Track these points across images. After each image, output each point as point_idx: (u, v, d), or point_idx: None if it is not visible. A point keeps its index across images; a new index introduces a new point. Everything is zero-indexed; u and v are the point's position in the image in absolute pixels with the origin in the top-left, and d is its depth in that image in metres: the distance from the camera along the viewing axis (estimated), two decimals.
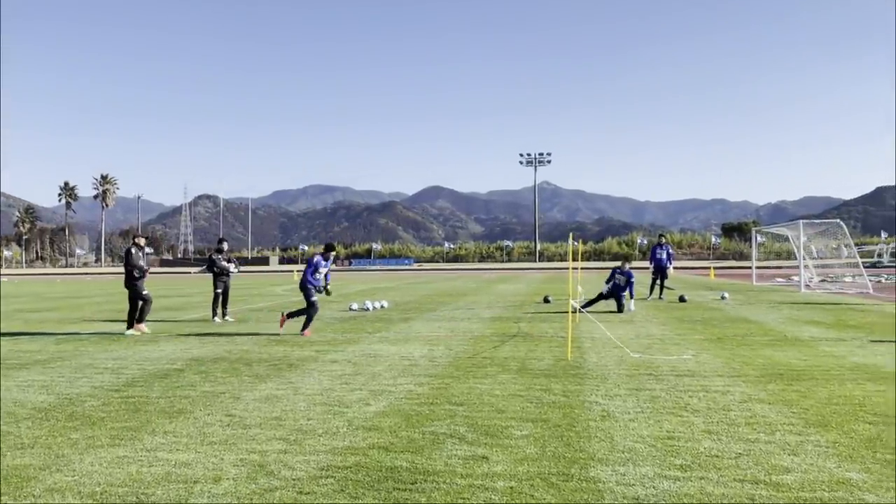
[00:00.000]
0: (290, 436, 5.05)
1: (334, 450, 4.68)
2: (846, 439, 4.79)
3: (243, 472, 4.26)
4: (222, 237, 15.69)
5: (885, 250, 74.65)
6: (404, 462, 4.39)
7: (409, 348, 9.67)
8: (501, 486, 3.95)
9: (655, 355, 8.75)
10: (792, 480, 3.97)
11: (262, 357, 9.03)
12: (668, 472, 4.15)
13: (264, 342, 10.62)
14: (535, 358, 8.64)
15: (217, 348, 9.99)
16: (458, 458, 4.48)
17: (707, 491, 3.81)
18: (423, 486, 3.97)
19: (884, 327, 11.75)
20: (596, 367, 7.92)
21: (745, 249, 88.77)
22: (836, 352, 8.90)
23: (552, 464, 4.33)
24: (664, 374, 7.36)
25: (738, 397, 6.19)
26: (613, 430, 5.09)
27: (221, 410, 5.92)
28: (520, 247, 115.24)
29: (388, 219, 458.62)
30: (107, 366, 8.49)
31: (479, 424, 5.31)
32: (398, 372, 7.71)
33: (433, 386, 6.87)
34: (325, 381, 7.23)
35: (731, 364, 8.01)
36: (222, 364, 8.50)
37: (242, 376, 7.60)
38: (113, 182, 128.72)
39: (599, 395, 6.33)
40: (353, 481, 4.05)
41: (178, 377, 7.61)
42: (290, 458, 4.50)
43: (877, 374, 7.27)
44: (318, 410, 5.85)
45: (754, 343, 9.84)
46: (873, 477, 4.01)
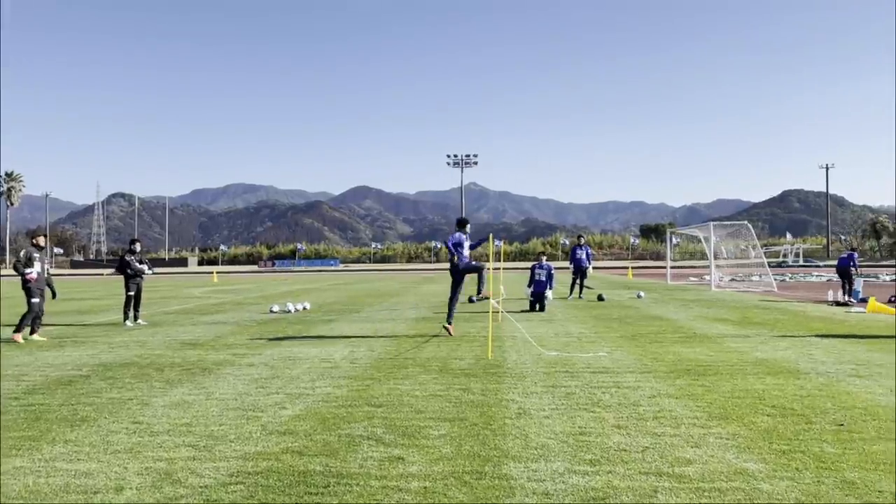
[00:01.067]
0: (200, 442, 4.90)
1: (246, 455, 4.57)
2: (746, 431, 5.02)
3: (148, 480, 4.10)
4: (135, 237, 15.10)
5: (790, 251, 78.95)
6: (318, 466, 4.33)
7: (329, 350, 9.55)
8: (415, 486, 3.95)
9: (572, 353, 8.95)
10: (693, 472, 4.13)
11: (175, 361, 8.73)
12: (578, 467, 4.25)
13: (178, 346, 10.28)
14: (457, 358, 8.69)
15: (127, 353, 9.61)
16: (374, 459, 4.45)
17: (614, 484, 3.93)
18: (336, 489, 3.93)
19: (785, 324, 12.41)
20: (515, 365, 8.04)
21: (661, 250, 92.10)
22: (740, 348, 9.34)
23: (467, 462, 4.36)
24: (579, 372, 7.54)
25: (647, 392, 6.40)
26: (528, 428, 5.18)
27: (128, 417, 5.69)
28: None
29: (313, 219, 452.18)
30: (6, 372, 8.03)
31: (396, 425, 5.30)
32: (317, 374, 7.61)
33: (352, 388, 6.81)
34: (240, 385, 7.06)
35: (643, 360, 8.28)
36: (132, 369, 8.18)
37: (153, 382, 7.33)
38: (19, 179, 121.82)
39: (517, 394, 6.43)
40: (263, 487, 3.97)
41: (84, 384, 7.27)
42: (198, 465, 4.37)
43: (777, 368, 7.66)
44: (230, 415, 5.70)
45: (665, 340, 10.21)
46: (769, 467, 4.22)
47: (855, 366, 7.74)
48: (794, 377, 7.10)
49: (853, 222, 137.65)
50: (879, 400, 5.99)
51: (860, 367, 7.63)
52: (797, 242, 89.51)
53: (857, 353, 8.74)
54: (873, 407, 5.73)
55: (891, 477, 4.01)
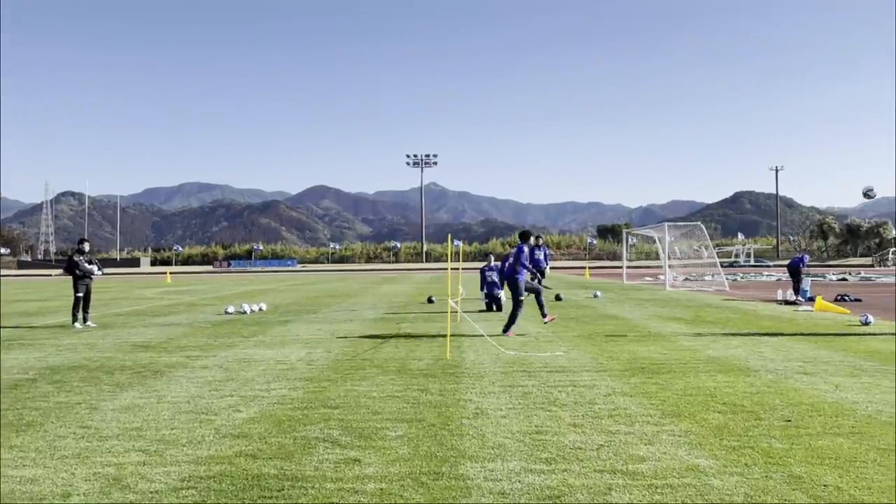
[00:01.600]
0: (151, 446, 4.79)
1: (198, 459, 4.48)
2: (697, 428, 5.12)
3: (96, 486, 3.99)
4: (84, 237, 14.69)
5: (742, 251, 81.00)
6: (272, 469, 4.27)
7: (285, 352, 9.44)
8: (371, 487, 3.92)
9: (530, 353, 9.01)
10: (646, 469, 4.19)
11: (126, 364, 8.52)
12: (534, 465, 4.27)
13: (129, 349, 10.03)
14: (415, 358, 8.68)
15: (76, 356, 9.34)
16: (330, 462, 4.41)
17: (569, 482, 3.96)
18: (291, 492, 3.87)
19: (737, 323, 12.71)
20: (473, 365, 8.05)
21: (617, 250, 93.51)
22: (693, 346, 9.53)
23: (424, 463, 4.35)
24: (537, 371, 7.59)
25: (603, 391, 6.48)
26: (485, 427, 5.19)
27: (76, 422, 5.53)
28: (407, 248, 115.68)
29: (270, 219, 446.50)
30: None
31: (353, 427, 5.25)
32: (272, 376, 7.51)
33: (308, 390, 6.74)
34: (192, 388, 6.92)
35: (598, 359, 8.38)
36: (80, 372, 7.95)
37: (102, 385, 7.13)
38: None
39: (475, 393, 6.44)
40: (215, 491, 3.89)
41: (30, 388, 7.04)
42: (148, 470, 4.26)
43: (728, 366, 7.84)
44: (183, 419, 5.58)
45: (621, 339, 10.36)
46: (719, 463, 4.31)
47: (802, 363, 7.97)
48: (745, 374, 7.27)
49: (801, 223, 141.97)
50: (825, 396, 6.17)
51: (807, 365, 7.85)
52: (748, 243, 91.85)
53: (805, 350, 8.99)
54: (819, 403, 5.90)
55: (836, 472, 4.13)
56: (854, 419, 5.34)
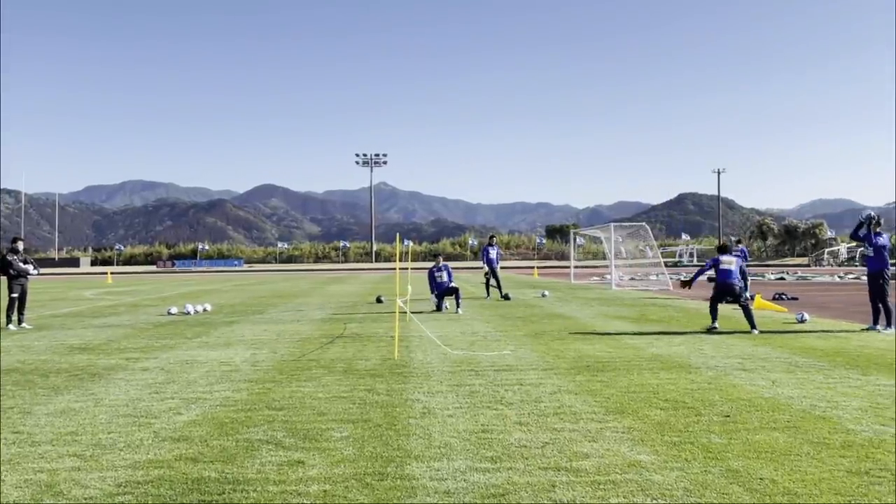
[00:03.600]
0: (86, 451, 4.63)
1: (136, 464, 4.35)
2: (640, 424, 5.22)
3: (27, 493, 3.84)
4: (17, 236, 14.13)
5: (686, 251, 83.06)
6: (213, 472, 4.17)
7: (230, 353, 9.26)
8: (315, 489, 3.87)
9: (478, 352, 9.05)
10: (590, 465, 4.25)
11: (62, 367, 8.23)
12: (480, 464, 4.28)
13: (65, 351, 9.69)
14: (363, 358, 8.62)
15: (9, 358, 8.97)
16: (273, 464, 4.34)
17: (513, 480, 3.98)
18: (232, 495, 3.79)
19: (680, 321, 13.02)
20: (421, 365, 8.04)
21: (565, 250, 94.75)
22: (637, 344, 9.72)
23: (369, 464, 4.32)
24: (484, 370, 7.63)
25: (549, 389, 6.55)
26: (432, 427, 5.18)
27: (8, 427, 5.31)
28: (356, 247, 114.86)
29: (216, 218, 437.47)
30: None
31: (297, 429, 5.18)
32: (216, 378, 7.35)
33: (253, 391, 6.62)
34: (132, 390, 6.72)
35: (545, 358, 8.47)
36: (13, 376, 7.64)
37: (36, 389, 6.87)
38: None
39: (422, 393, 6.43)
40: (153, 496, 3.78)
41: None
42: (83, 476, 4.12)
43: (671, 363, 8.02)
44: (120, 422, 5.41)
45: (567, 337, 10.50)
46: (660, 458, 4.40)
47: (741, 360, 8.21)
48: (686, 371, 7.45)
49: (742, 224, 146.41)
50: (762, 392, 6.37)
51: (745, 361, 8.09)
52: (692, 243, 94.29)
53: (744, 347, 9.27)
54: (756, 398, 6.08)
55: (771, 465, 4.26)
56: (789, 414, 5.52)
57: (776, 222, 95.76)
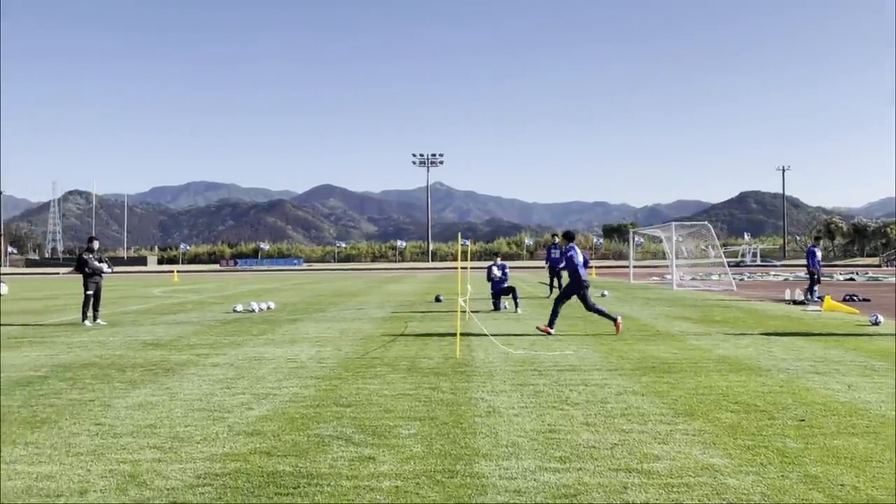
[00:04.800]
0: (165, 444, 4.81)
1: (213, 457, 4.49)
2: (711, 427, 5.11)
3: (112, 483, 4.01)
4: (93, 235, 14.75)
5: (748, 251, 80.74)
6: (287, 466, 4.28)
7: (295, 350, 9.46)
8: (387, 485, 3.93)
9: (539, 351, 9.01)
10: (661, 468, 4.19)
11: (137, 362, 8.55)
12: (549, 464, 4.27)
13: (139, 347, 10.07)
14: (425, 357, 8.68)
15: (87, 353, 9.38)
16: (344, 459, 4.42)
17: (584, 481, 3.96)
18: (307, 489, 3.88)
19: (746, 322, 12.67)
20: (483, 364, 8.06)
21: (623, 249, 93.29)
22: (702, 345, 9.51)
23: (438, 461, 4.35)
24: (547, 370, 7.59)
25: (614, 390, 6.48)
26: (498, 426, 5.19)
27: (90, 419, 5.56)
28: (412, 246, 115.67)
29: (276, 218, 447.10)
30: None
31: (366, 425, 5.26)
32: (284, 374, 7.53)
33: (320, 388, 6.75)
34: (205, 385, 6.94)
35: (609, 358, 8.37)
36: (92, 370, 7.98)
37: (114, 383, 7.17)
38: None
39: (486, 392, 6.44)
40: (232, 488, 3.90)
41: (42, 385, 7.08)
42: (164, 467, 4.28)
43: (738, 365, 7.82)
44: (196, 416, 5.60)
45: (630, 338, 10.34)
46: (734, 462, 4.30)
47: (813, 363, 7.94)
48: (756, 374, 7.25)
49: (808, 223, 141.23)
50: (838, 396, 6.15)
51: (818, 364, 7.82)
52: (755, 243, 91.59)
53: (815, 350, 8.96)
54: (832, 403, 5.88)
55: (852, 471, 4.12)
56: (868, 419, 5.32)
57: (844, 221, 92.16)
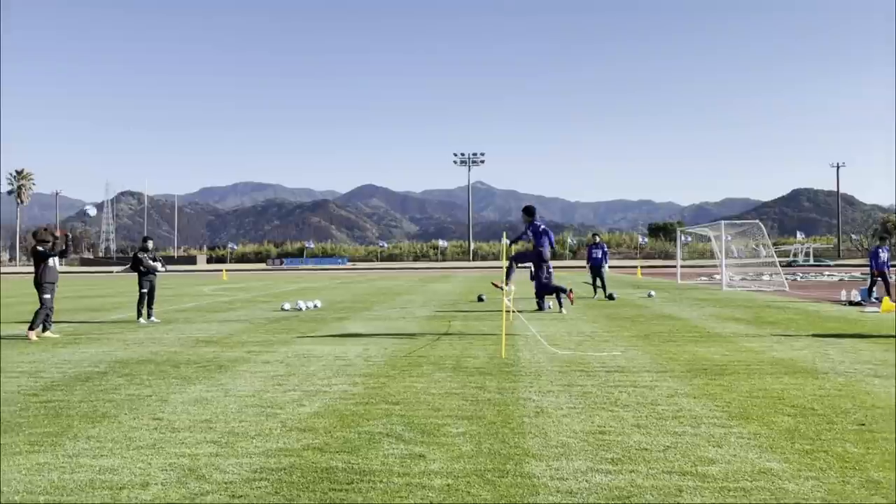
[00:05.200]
0: (222, 438, 4.92)
1: (268, 452, 4.59)
2: (767, 431, 5.00)
3: (172, 476, 4.13)
4: (147, 235, 15.17)
5: (801, 250, 78.59)
6: (340, 462, 4.34)
7: (343, 348, 9.57)
8: (438, 483, 3.96)
9: (586, 352, 8.94)
10: (717, 471, 4.12)
11: (191, 359, 8.77)
12: (601, 465, 4.24)
13: (192, 343, 10.32)
14: (470, 356, 8.70)
15: (142, 350, 9.66)
16: (395, 456, 4.46)
17: (637, 483, 3.92)
18: (360, 485, 3.93)
19: (800, 324, 12.35)
20: (529, 364, 8.03)
21: (670, 249, 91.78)
22: (755, 347, 9.30)
23: (488, 460, 4.36)
24: (595, 371, 7.52)
25: (665, 392, 6.39)
26: (547, 426, 5.17)
27: (148, 414, 5.72)
28: (454, 246, 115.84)
29: (320, 217, 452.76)
30: (23, 369, 8.08)
31: (415, 423, 5.30)
32: (333, 372, 7.63)
33: (368, 385, 6.83)
34: (257, 382, 7.09)
35: (658, 360, 8.26)
36: (148, 366, 8.22)
37: (170, 378, 7.37)
38: (29, 177, 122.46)
39: (533, 392, 6.43)
40: (287, 483, 3.98)
41: (101, 380, 7.32)
42: (221, 461, 4.39)
43: (794, 368, 7.63)
44: (250, 412, 5.72)
45: (679, 339, 10.18)
46: (792, 466, 4.21)
47: (873, 365, 7.70)
48: (813, 377, 7.07)
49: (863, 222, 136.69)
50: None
51: (879, 367, 7.59)
52: (807, 242, 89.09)
53: (875, 352, 8.69)
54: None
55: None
56: None
57: None
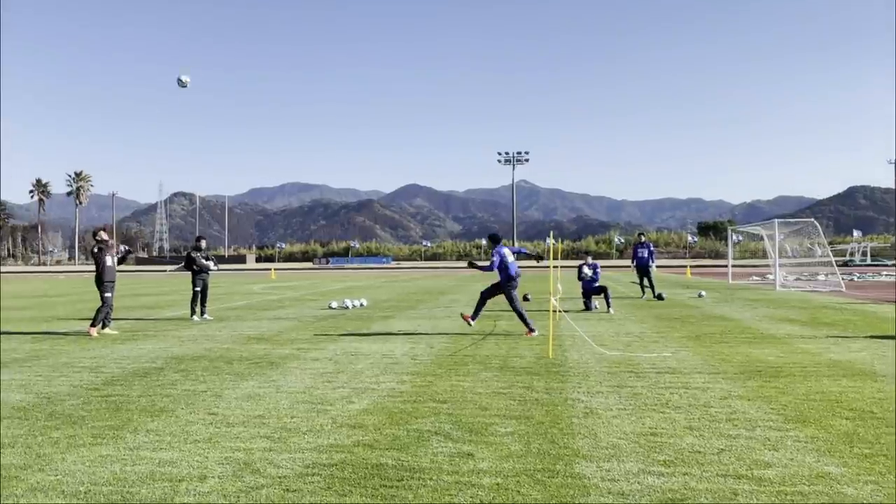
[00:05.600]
0: (275, 434, 5.03)
1: (319, 447, 4.67)
2: (824, 434, 4.87)
3: (229, 470, 4.23)
4: (201, 235, 15.54)
5: (857, 249, 76.06)
6: (390, 459, 4.39)
7: (390, 346, 9.66)
8: (488, 482, 3.97)
9: (635, 353, 8.83)
10: (773, 475, 4.03)
11: (243, 355, 8.97)
12: (653, 467, 4.19)
13: (244, 340, 10.55)
14: (517, 356, 8.68)
15: (197, 346, 9.91)
16: (444, 455, 4.49)
17: (691, 486, 3.86)
18: (410, 483, 3.97)
19: (857, 325, 11.97)
20: (577, 364, 7.97)
21: (720, 248, 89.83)
22: (811, 349, 9.05)
23: (537, 460, 4.35)
24: (645, 372, 7.43)
25: (718, 394, 6.27)
26: (597, 427, 5.14)
27: (203, 409, 5.88)
28: None
29: (365, 217, 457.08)
30: (85, 364, 8.38)
31: (463, 422, 5.32)
32: (380, 370, 7.71)
33: (416, 384, 6.88)
34: (307, 379, 7.21)
35: (710, 361, 8.11)
36: (202, 362, 8.43)
37: (223, 374, 7.54)
38: (87, 179, 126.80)
39: (582, 393, 6.38)
40: (339, 479, 4.05)
41: (159, 375, 7.54)
42: (275, 456, 4.48)
43: (852, 370, 7.40)
44: (301, 408, 5.83)
45: (732, 340, 9.97)
46: (851, 471, 4.09)
47: None
48: (871, 380, 6.85)
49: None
50: None
51: None
52: (864, 240, 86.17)
53: None
54: None
55: None
56: None
57: None
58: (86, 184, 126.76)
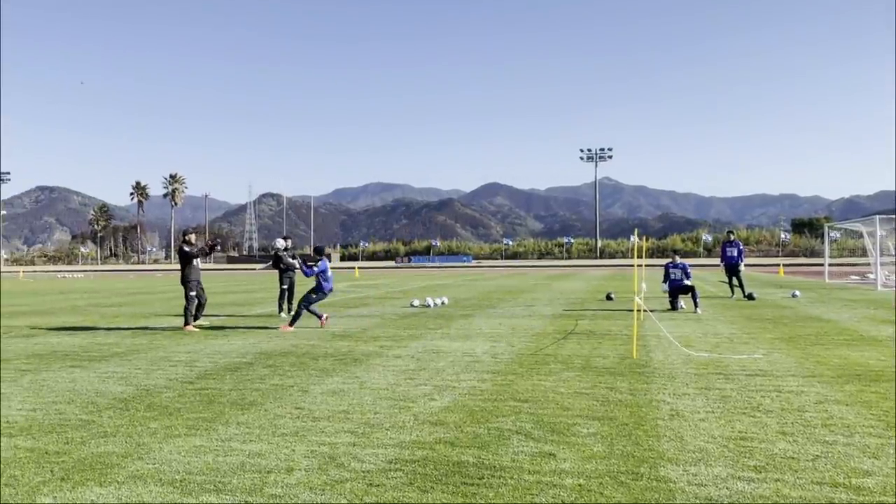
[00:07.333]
0: (358, 429, 5.15)
1: (402, 443, 4.75)
2: None
3: (314, 463, 4.36)
4: (287, 235, 16.05)
5: None
6: (471, 457, 4.42)
7: (470, 345, 9.70)
8: (570, 483, 3.93)
9: (724, 354, 8.53)
10: (873, 484, 3.82)
11: (328, 352, 9.21)
12: (742, 472, 4.05)
13: (329, 337, 10.83)
14: (600, 356, 8.55)
15: (284, 343, 10.24)
16: (525, 454, 4.48)
17: (783, 493, 3.71)
18: (491, 481, 3.99)
19: None
20: (662, 365, 7.78)
21: (816, 246, 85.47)
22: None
23: (621, 462, 4.28)
24: (734, 374, 7.17)
25: (813, 398, 5.99)
26: (683, 430, 5.00)
27: (291, 403, 6.08)
28: (579, 243, 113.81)
29: (446, 216, 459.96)
30: (180, 358, 8.81)
31: (544, 421, 5.30)
32: (461, 368, 7.76)
33: (496, 382, 6.88)
34: (389, 375, 7.34)
35: (804, 364, 7.75)
36: (290, 358, 8.71)
37: (309, 370, 7.78)
38: (181, 181, 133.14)
39: (667, 394, 6.23)
40: (421, 475, 4.10)
41: (248, 370, 7.85)
42: (359, 451, 4.59)
43: None
44: (384, 405, 5.94)
45: (828, 342, 9.49)
46: None
47: None
48: None
49: None
50: None
51: None
52: None
53: None
54: None
55: None
56: None
57: None
58: (181, 186, 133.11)
